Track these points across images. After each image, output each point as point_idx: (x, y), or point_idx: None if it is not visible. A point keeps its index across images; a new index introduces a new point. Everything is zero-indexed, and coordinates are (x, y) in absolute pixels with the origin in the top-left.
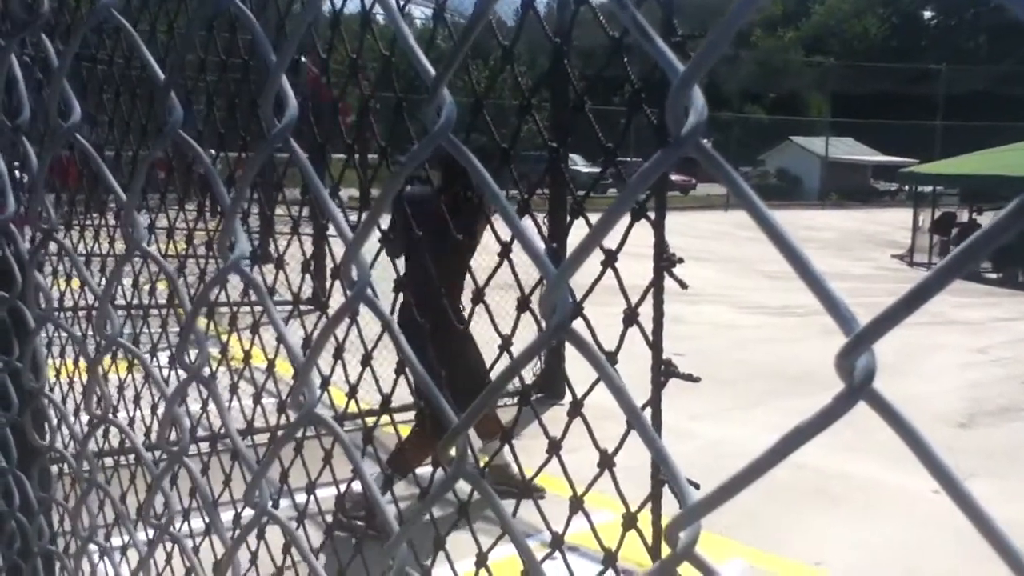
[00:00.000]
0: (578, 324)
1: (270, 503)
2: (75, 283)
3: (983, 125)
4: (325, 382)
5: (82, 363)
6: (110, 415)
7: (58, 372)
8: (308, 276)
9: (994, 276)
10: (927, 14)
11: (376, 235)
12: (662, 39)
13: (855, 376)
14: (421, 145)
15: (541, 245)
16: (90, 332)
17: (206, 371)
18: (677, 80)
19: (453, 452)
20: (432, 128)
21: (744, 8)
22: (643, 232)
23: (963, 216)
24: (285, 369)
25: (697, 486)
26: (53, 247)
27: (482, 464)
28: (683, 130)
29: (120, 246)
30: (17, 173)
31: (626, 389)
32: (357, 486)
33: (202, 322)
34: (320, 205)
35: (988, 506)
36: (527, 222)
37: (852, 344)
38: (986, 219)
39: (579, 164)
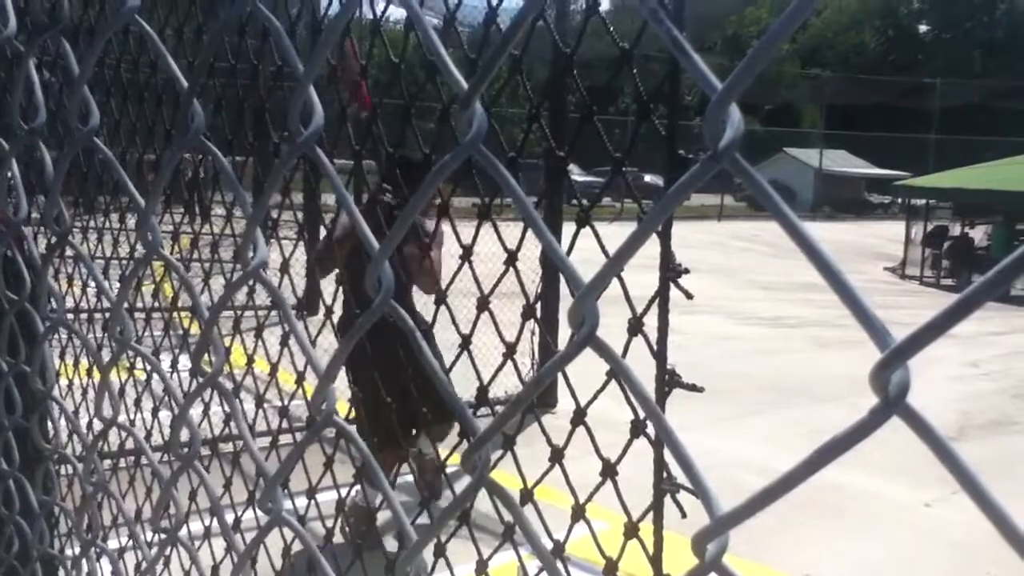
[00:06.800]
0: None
1: (284, 509)
2: (74, 285)
3: (977, 139)
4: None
5: (83, 367)
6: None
7: (57, 375)
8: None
9: None
10: (923, 28)
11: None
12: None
13: (890, 391)
14: (453, 155)
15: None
16: (91, 335)
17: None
18: (716, 96)
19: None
20: (463, 138)
21: (784, 27)
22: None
23: (956, 230)
24: (284, 377)
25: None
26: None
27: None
28: (720, 144)
29: (110, 249)
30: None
31: (652, 398)
32: (355, 495)
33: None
34: (348, 213)
35: (979, 520)
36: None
37: (887, 359)
38: (978, 232)
39: (574, 173)
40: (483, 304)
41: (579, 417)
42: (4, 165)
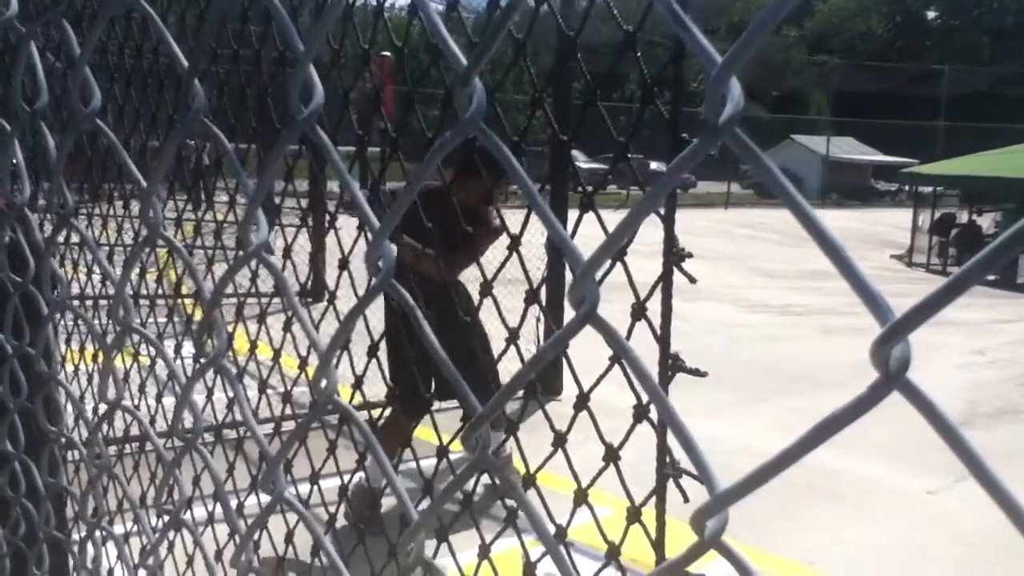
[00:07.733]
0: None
1: (286, 491)
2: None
3: (985, 126)
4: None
5: (88, 351)
6: (120, 402)
7: (63, 361)
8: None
9: (992, 277)
10: (931, 14)
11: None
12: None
13: (891, 365)
14: (452, 132)
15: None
16: (96, 321)
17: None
18: (716, 70)
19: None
20: (463, 116)
21: (783, 1)
22: (644, 229)
23: (963, 217)
24: (288, 363)
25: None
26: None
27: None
28: (721, 119)
29: (114, 236)
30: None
31: (653, 377)
32: (359, 479)
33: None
34: (349, 193)
35: (988, 508)
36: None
37: (888, 333)
38: (986, 220)
39: (580, 160)
40: (486, 290)
41: (582, 402)
42: (7, 147)
